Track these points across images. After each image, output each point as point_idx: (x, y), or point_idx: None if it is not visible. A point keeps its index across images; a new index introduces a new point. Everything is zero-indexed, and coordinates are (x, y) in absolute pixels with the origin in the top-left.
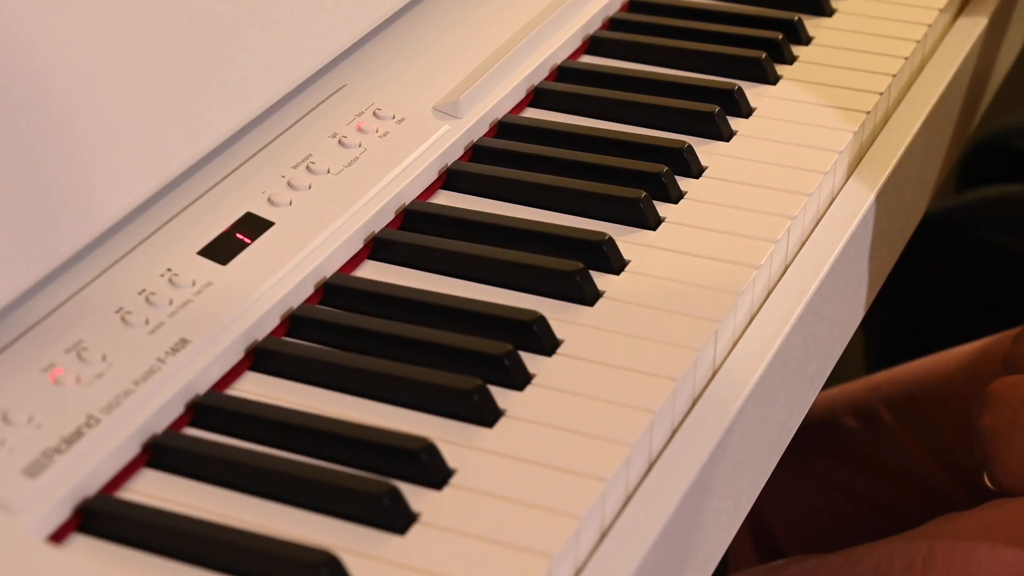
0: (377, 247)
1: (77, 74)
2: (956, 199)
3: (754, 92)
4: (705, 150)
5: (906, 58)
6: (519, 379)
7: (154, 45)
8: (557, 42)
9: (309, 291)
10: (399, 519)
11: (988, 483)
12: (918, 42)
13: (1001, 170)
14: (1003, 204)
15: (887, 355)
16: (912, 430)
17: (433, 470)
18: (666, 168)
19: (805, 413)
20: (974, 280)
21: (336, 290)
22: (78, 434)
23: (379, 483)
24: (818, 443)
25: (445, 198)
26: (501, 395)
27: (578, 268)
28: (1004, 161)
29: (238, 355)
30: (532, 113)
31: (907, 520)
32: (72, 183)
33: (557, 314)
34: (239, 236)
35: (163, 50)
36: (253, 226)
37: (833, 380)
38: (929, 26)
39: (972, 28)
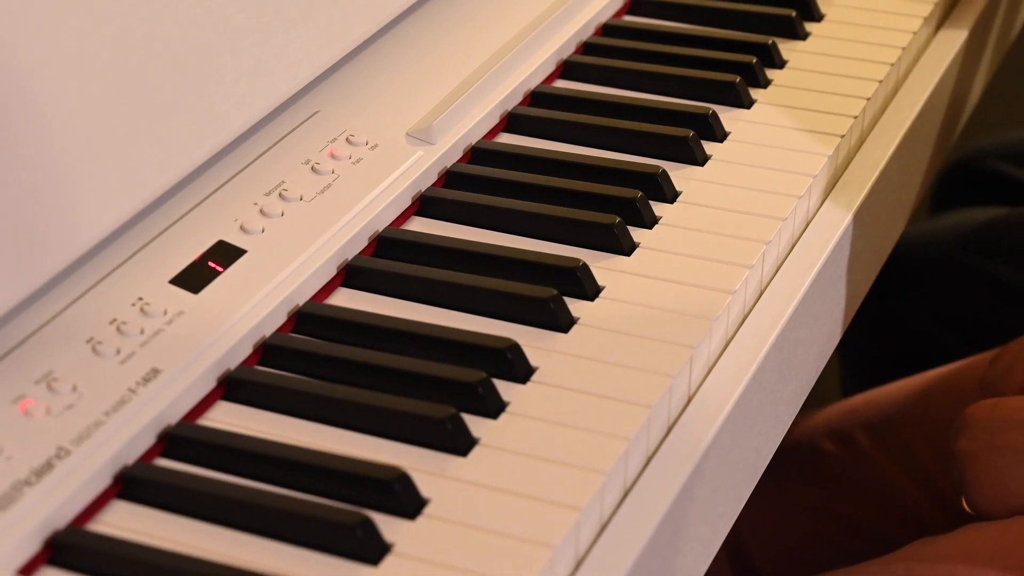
0: (350, 274)
1: (47, 101)
2: (932, 222)
3: (729, 116)
4: (680, 175)
5: (880, 81)
6: (493, 407)
7: (125, 71)
8: (531, 67)
9: (282, 319)
10: (372, 550)
11: (966, 506)
12: (892, 65)
13: (975, 191)
14: (979, 227)
15: (863, 378)
16: (889, 453)
17: (406, 500)
18: (640, 193)
19: (782, 438)
20: (950, 303)
21: (309, 318)
22: (48, 466)
23: (352, 514)
24: (795, 466)
25: (419, 224)
26: (475, 423)
27: (552, 295)
28: (978, 182)
29: (210, 384)
30: (506, 138)
31: (885, 543)
32: (41, 211)
33: (532, 341)
34: (211, 264)
35: (135, 76)
36: (225, 254)
37: (810, 404)
38: (903, 49)
39: (946, 51)
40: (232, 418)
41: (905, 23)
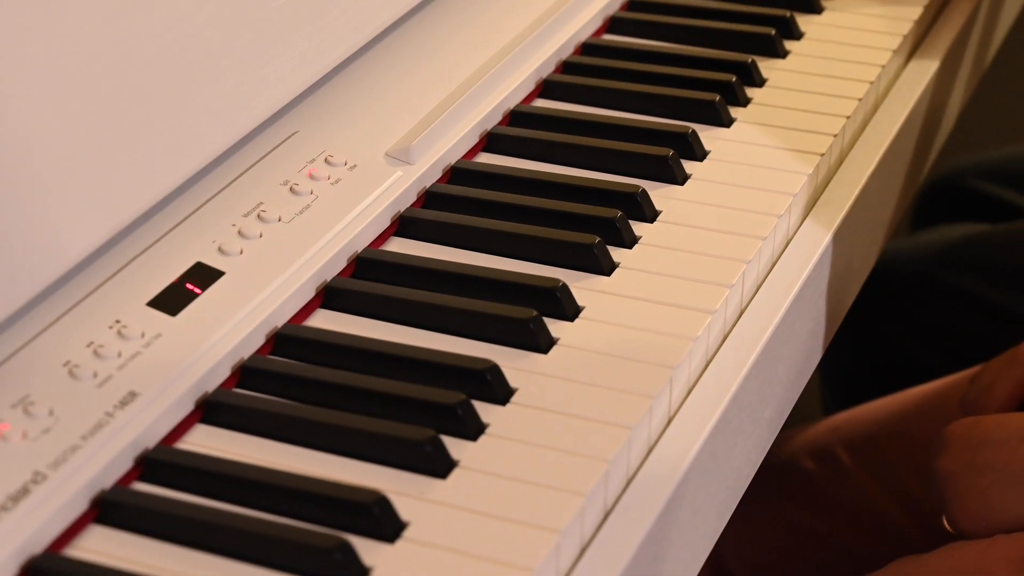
0: (329, 296)
1: (23, 122)
2: (913, 240)
3: (708, 135)
4: (659, 194)
5: (860, 99)
6: (472, 429)
7: (102, 92)
8: (510, 86)
9: (260, 341)
10: (351, 574)
11: (947, 525)
12: (872, 83)
13: (955, 209)
14: (959, 244)
15: (844, 396)
16: (870, 471)
17: (385, 523)
18: (620, 213)
19: (763, 458)
20: (931, 320)
21: (287, 340)
22: (24, 491)
23: (331, 537)
24: (777, 485)
25: (398, 245)
26: (454, 445)
27: (532, 315)
28: (958, 201)
29: (188, 407)
30: (485, 158)
31: (866, 561)
32: (17, 234)
33: (511, 362)
34: (189, 286)
35: (112, 97)
36: (203, 276)
37: (791, 422)
38: (883, 67)
39: (925, 69)
40: (210, 441)
41: (885, 42)
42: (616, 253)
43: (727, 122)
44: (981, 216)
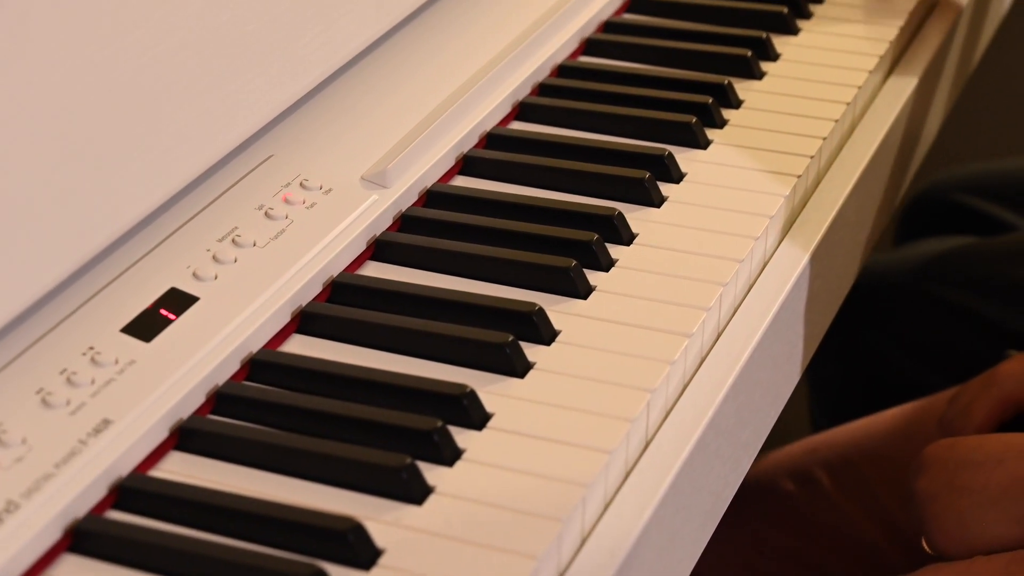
0: (305, 321)
1: None
2: (898, 252)
3: (685, 157)
4: (636, 216)
5: (836, 120)
6: (449, 455)
7: (74, 117)
8: (486, 109)
9: (235, 367)
10: None
11: (926, 547)
12: (848, 104)
13: (939, 223)
14: (945, 257)
15: (832, 407)
16: (849, 492)
17: (360, 551)
18: (596, 236)
19: (740, 481)
20: (917, 332)
21: (263, 366)
22: None
23: (306, 565)
24: (755, 507)
25: (374, 269)
26: (431, 471)
27: (508, 340)
28: (943, 214)
29: (162, 434)
30: (461, 181)
31: None
32: None
33: (488, 386)
34: (163, 312)
35: (84, 122)
36: (177, 302)
37: (776, 434)
38: (859, 88)
39: (902, 89)
40: (185, 468)
41: (861, 62)
42: (593, 276)
43: (703, 144)
44: (965, 229)
